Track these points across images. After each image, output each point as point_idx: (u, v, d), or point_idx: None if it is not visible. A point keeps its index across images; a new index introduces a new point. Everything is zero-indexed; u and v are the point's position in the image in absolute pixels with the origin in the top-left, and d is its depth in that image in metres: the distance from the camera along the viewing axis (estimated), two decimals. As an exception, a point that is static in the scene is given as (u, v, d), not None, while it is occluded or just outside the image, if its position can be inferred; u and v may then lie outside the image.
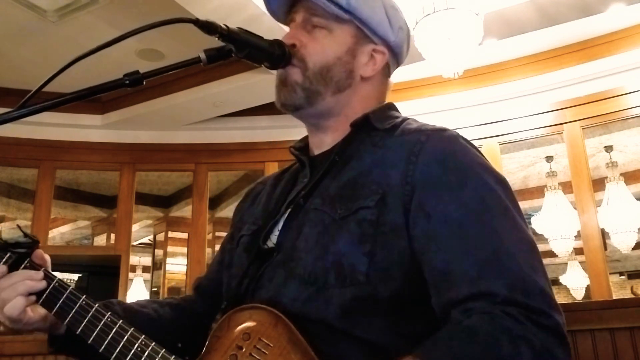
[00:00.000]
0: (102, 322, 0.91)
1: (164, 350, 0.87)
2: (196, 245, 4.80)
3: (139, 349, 0.87)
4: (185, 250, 5.25)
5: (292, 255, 0.90)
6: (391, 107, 1.06)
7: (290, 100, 0.99)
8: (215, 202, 5.80)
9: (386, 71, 1.07)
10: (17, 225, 0.99)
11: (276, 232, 0.97)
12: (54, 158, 4.69)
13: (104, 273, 4.75)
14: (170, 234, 6.53)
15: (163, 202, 6.38)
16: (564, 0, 3.38)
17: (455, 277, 0.79)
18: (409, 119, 1.01)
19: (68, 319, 0.93)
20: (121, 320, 0.91)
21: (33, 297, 0.93)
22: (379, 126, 0.97)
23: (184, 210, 5.88)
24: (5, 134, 4.23)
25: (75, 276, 4.83)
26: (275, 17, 1.10)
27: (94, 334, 0.91)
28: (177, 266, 6.38)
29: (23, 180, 5.31)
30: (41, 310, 0.96)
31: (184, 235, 5.63)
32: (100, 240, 6.81)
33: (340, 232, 0.86)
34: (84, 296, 0.94)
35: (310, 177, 0.99)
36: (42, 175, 4.67)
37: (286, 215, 0.97)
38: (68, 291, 0.94)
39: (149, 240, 7.29)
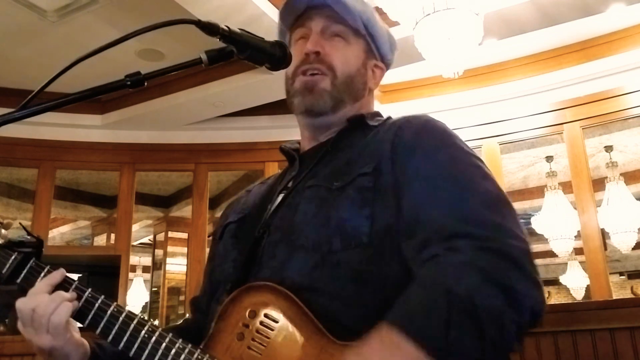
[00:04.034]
0: (147, 339, 0.88)
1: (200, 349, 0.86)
2: (196, 245, 4.80)
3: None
4: (185, 250, 5.25)
5: (291, 230, 0.92)
6: (378, 113, 1.15)
7: (316, 106, 1.04)
8: (215, 202, 5.79)
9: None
10: (20, 224, 0.96)
11: (267, 217, 0.99)
12: (54, 158, 4.69)
13: (104, 273, 4.73)
14: (170, 234, 6.52)
15: (163, 202, 6.38)
16: (564, 0, 3.38)
17: (422, 224, 0.83)
18: (392, 117, 1.10)
19: (112, 335, 0.90)
20: (160, 330, 0.88)
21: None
22: (371, 123, 1.06)
23: (184, 210, 5.87)
24: (5, 134, 4.17)
25: (75, 276, 4.67)
26: (285, 23, 1.14)
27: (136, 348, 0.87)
28: (177, 266, 6.38)
29: (23, 180, 5.30)
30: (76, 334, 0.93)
31: (184, 235, 5.63)
32: (100, 240, 6.81)
33: (340, 199, 0.90)
34: (126, 310, 0.91)
35: (301, 168, 1.04)
36: (42, 175, 4.66)
37: (278, 200, 1.01)
38: (111, 308, 0.92)
39: (149, 240, 7.29)
